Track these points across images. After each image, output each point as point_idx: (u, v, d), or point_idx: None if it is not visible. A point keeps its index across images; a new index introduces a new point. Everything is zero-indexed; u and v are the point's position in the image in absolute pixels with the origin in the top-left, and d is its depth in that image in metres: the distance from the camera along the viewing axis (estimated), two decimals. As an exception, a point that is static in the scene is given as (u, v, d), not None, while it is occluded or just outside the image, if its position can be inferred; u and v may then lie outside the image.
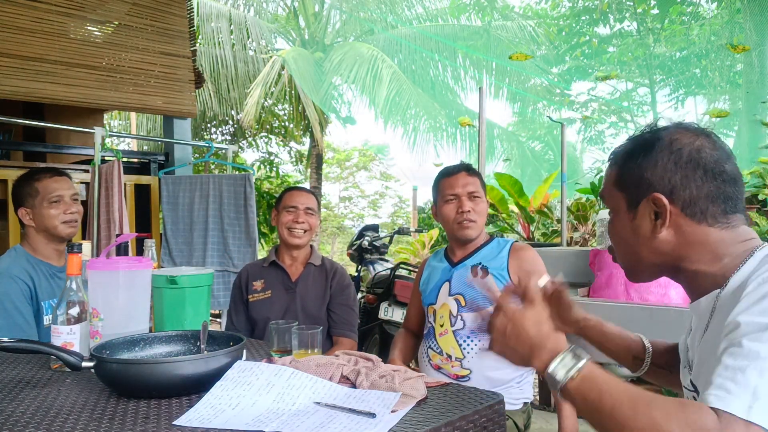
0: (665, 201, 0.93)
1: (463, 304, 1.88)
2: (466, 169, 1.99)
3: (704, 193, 0.92)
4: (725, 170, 0.93)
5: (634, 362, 1.22)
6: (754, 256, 0.90)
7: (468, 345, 1.86)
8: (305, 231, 2.22)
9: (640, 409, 0.75)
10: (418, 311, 2.11)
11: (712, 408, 0.73)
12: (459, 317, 1.88)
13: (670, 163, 0.94)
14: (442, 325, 1.91)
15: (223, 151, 4.74)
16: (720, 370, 0.76)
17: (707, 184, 0.92)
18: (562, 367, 0.83)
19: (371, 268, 4.60)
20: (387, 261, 4.80)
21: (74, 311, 1.29)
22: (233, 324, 2.24)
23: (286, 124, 12.60)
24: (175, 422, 0.96)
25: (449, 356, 1.87)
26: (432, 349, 1.93)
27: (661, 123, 1.01)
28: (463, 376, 1.84)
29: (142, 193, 3.86)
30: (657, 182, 0.94)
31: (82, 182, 3.48)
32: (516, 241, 1.98)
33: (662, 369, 1.22)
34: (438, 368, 1.90)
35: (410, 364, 2.16)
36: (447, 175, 1.99)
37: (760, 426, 0.71)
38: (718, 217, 0.93)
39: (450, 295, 1.92)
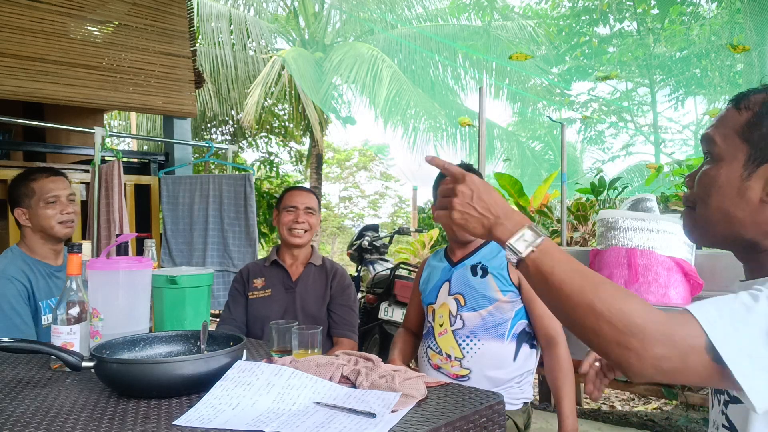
0: None
1: (462, 303, 1.88)
2: (466, 169, 1.99)
3: None
4: None
5: None
6: None
7: (467, 345, 1.86)
8: (306, 231, 2.22)
9: (587, 287, 0.78)
10: (417, 311, 2.11)
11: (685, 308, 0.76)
12: (458, 317, 1.88)
13: None
14: (441, 325, 1.91)
15: (223, 151, 4.74)
16: (729, 297, 0.78)
17: None
18: (523, 240, 0.85)
19: (371, 268, 4.60)
20: (387, 261, 4.80)
21: (74, 311, 1.29)
22: (230, 314, 2.22)
23: (286, 124, 12.61)
24: (175, 422, 0.96)
25: (449, 356, 1.87)
26: (431, 348, 1.93)
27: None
28: (463, 376, 1.84)
29: (142, 193, 3.86)
30: None
31: (82, 182, 3.48)
32: None
33: None
34: (437, 368, 1.90)
35: (410, 364, 2.16)
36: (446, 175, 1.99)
37: (699, 325, 0.73)
38: None
39: (450, 294, 1.92)
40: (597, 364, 1.13)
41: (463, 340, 1.86)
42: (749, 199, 0.87)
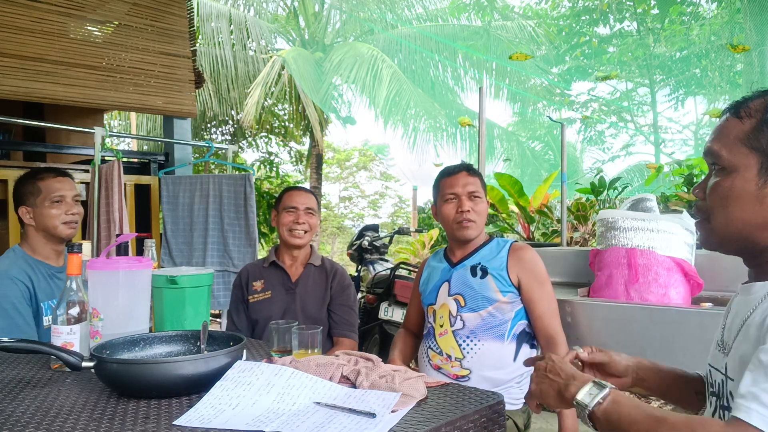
0: None
1: (462, 304, 1.88)
2: (466, 168, 1.99)
3: None
4: None
5: (697, 398, 1.15)
6: None
7: (467, 345, 1.86)
8: (306, 231, 2.22)
9: (652, 426, 0.82)
10: (417, 311, 2.11)
11: (735, 417, 0.75)
12: (458, 317, 1.88)
13: None
14: (441, 326, 1.91)
15: (223, 151, 4.74)
16: (751, 375, 0.77)
17: None
18: (588, 395, 0.92)
19: (371, 268, 4.60)
20: (387, 261, 4.80)
21: (74, 311, 1.29)
22: (234, 324, 2.24)
23: (286, 124, 12.61)
24: (175, 422, 0.96)
25: (449, 356, 1.87)
26: (432, 349, 1.93)
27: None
28: (463, 376, 1.84)
29: (142, 193, 3.86)
30: None
31: (82, 182, 3.48)
32: (515, 241, 1.99)
33: None
34: (438, 368, 1.90)
35: (410, 364, 2.16)
36: (447, 174, 1.99)
37: None
38: None
39: (449, 295, 1.92)
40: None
41: (464, 341, 1.86)
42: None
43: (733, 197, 0.91)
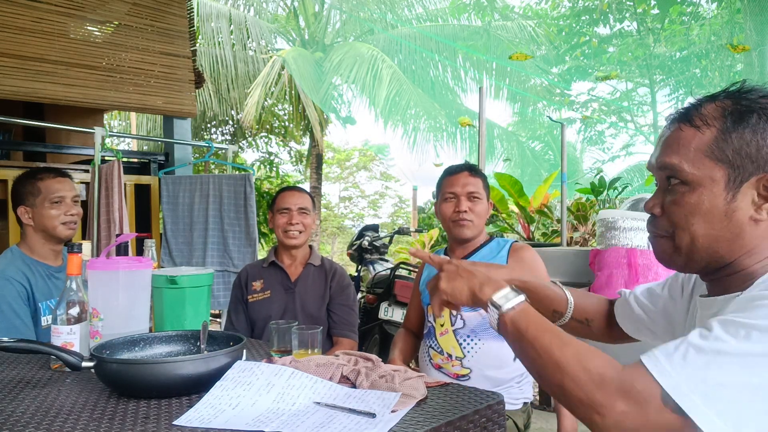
0: None
1: None
2: (468, 169, 2.00)
3: None
4: None
5: (553, 316, 1.19)
6: None
7: (468, 344, 1.86)
8: (300, 232, 2.22)
9: (555, 345, 0.81)
10: (418, 311, 2.11)
11: (639, 360, 0.75)
12: (459, 317, 1.88)
13: None
14: (442, 325, 1.91)
15: (223, 151, 4.74)
16: (678, 340, 0.75)
17: None
18: (504, 298, 0.91)
19: (371, 268, 4.60)
20: (387, 261, 4.80)
21: (74, 311, 1.29)
22: (233, 324, 2.24)
23: (286, 124, 12.61)
24: (175, 422, 0.96)
25: (450, 355, 1.87)
26: (433, 348, 1.93)
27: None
28: (463, 375, 1.84)
29: (142, 193, 3.86)
30: None
31: (82, 182, 3.48)
32: (516, 241, 1.99)
33: (581, 323, 1.22)
34: (438, 367, 1.90)
35: (410, 364, 2.16)
36: (449, 174, 2.00)
37: (665, 392, 0.70)
38: None
39: None
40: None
41: (464, 340, 1.86)
42: (738, 219, 0.84)
43: (700, 213, 0.86)
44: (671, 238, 0.90)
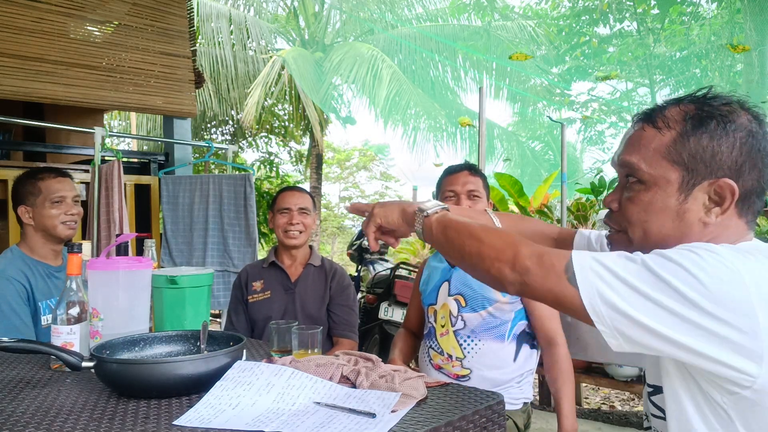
0: (736, 191, 0.84)
1: (463, 304, 1.88)
2: (468, 168, 2.00)
3: (757, 186, 0.86)
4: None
5: None
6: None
7: (468, 345, 1.86)
8: (301, 232, 2.22)
9: (483, 230, 0.94)
10: (418, 311, 2.11)
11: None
12: (459, 317, 1.88)
13: (746, 147, 0.84)
14: (443, 326, 1.91)
15: (223, 151, 4.74)
16: None
17: (762, 177, 0.86)
18: (432, 206, 1.05)
19: (371, 268, 4.61)
20: (387, 261, 4.81)
21: (74, 311, 1.29)
22: (233, 325, 2.24)
23: (286, 124, 12.61)
24: (175, 422, 0.96)
25: (450, 356, 1.87)
26: (433, 348, 1.93)
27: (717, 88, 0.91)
28: (464, 376, 1.84)
29: (142, 193, 3.86)
30: (728, 166, 0.84)
31: (82, 182, 3.48)
32: None
33: None
34: (439, 368, 1.90)
35: (410, 364, 2.16)
36: (449, 173, 2.00)
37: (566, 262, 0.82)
38: (753, 215, 0.88)
39: (450, 295, 1.92)
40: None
41: (464, 341, 1.86)
42: (688, 220, 0.87)
43: (653, 211, 0.89)
44: (625, 232, 0.94)
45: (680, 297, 0.75)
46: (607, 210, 0.99)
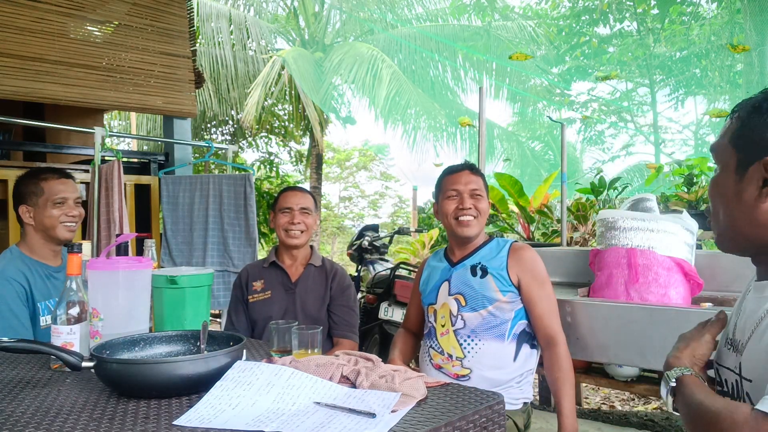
0: None
1: (463, 303, 1.88)
2: (469, 168, 2.00)
3: None
4: None
5: None
6: None
7: (468, 344, 1.86)
8: (302, 231, 2.22)
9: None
10: (417, 311, 2.11)
11: (757, 410, 0.77)
12: (459, 317, 1.88)
13: None
14: (443, 325, 1.91)
15: (223, 151, 4.74)
16: None
17: None
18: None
19: (371, 268, 4.60)
20: (387, 261, 4.80)
21: (74, 311, 1.29)
22: (233, 324, 2.24)
23: (286, 124, 12.60)
24: (175, 422, 0.96)
25: (450, 356, 1.87)
26: (433, 348, 1.93)
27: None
28: (464, 376, 1.84)
29: (142, 193, 3.86)
30: None
31: (82, 182, 3.48)
32: (515, 241, 1.98)
33: None
34: (439, 368, 1.90)
35: (410, 364, 2.16)
36: (450, 172, 2.00)
37: None
38: None
39: (450, 294, 1.92)
40: None
41: (464, 340, 1.86)
42: (745, 201, 0.89)
43: (719, 194, 0.94)
44: (713, 220, 0.98)
45: None
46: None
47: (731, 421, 0.79)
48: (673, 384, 0.97)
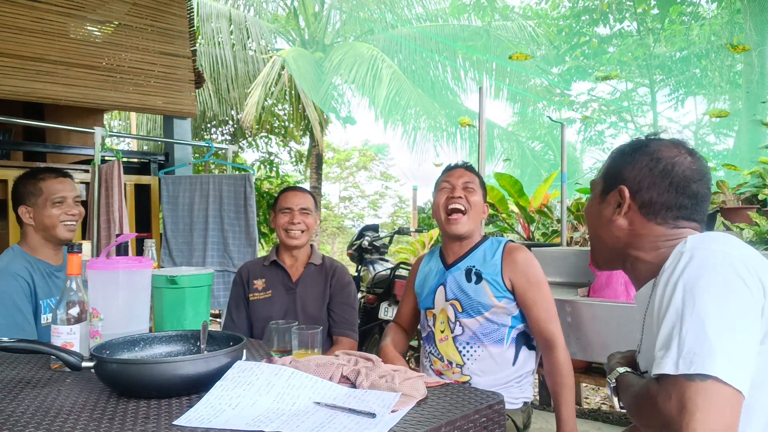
0: (627, 194, 1.11)
1: (460, 309, 1.86)
2: (466, 166, 2.00)
3: (663, 199, 1.08)
4: (690, 188, 1.08)
5: None
6: (676, 248, 1.01)
7: (468, 351, 1.84)
8: (302, 231, 2.22)
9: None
10: (410, 309, 2.10)
11: (654, 377, 0.90)
12: (458, 323, 1.86)
13: (646, 168, 1.10)
14: (442, 331, 1.90)
15: (223, 151, 4.74)
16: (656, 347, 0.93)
17: (668, 194, 1.08)
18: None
19: (371, 268, 4.60)
20: (387, 261, 4.80)
21: (74, 311, 1.29)
22: (233, 321, 2.23)
23: (286, 124, 12.61)
24: (175, 422, 0.96)
25: (450, 362, 1.86)
26: (433, 354, 1.92)
27: (664, 134, 1.17)
28: (464, 383, 1.84)
29: (142, 193, 3.86)
30: (629, 179, 1.11)
31: (82, 182, 3.48)
32: (510, 241, 1.95)
33: None
34: (439, 374, 1.89)
35: (410, 365, 2.16)
36: (446, 170, 2.00)
37: (684, 375, 0.85)
38: (668, 220, 1.08)
39: (446, 300, 1.90)
40: None
41: (464, 347, 1.85)
42: (604, 217, 1.15)
43: (589, 215, 1.21)
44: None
45: None
46: None
47: (648, 394, 0.93)
48: (614, 384, 1.13)
